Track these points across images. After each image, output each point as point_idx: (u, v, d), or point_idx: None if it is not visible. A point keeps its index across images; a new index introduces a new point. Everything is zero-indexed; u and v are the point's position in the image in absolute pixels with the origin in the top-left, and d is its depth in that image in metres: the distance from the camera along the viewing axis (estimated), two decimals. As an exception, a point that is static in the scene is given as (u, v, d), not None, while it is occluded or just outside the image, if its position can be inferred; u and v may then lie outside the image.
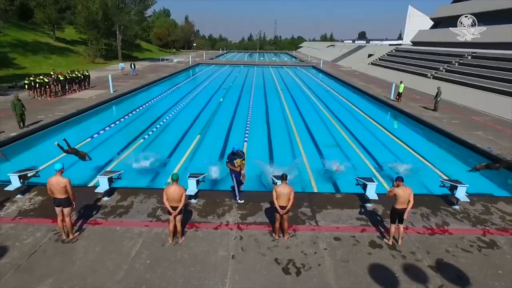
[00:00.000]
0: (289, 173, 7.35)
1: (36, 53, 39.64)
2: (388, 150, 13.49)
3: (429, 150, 13.50)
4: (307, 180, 10.29)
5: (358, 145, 13.82)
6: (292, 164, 11.21)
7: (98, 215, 7.31)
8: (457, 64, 29.34)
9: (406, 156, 12.73)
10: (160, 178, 10.05)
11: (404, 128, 17.33)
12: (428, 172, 10.98)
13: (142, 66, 45.82)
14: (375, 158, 12.31)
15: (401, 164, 11.45)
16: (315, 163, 11.71)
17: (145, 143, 13.33)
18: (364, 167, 11.36)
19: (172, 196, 6.04)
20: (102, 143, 13.30)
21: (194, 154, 12.12)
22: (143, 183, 9.72)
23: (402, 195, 6.11)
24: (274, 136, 15.10)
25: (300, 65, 53.89)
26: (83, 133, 14.23)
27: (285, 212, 6.33)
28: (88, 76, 24.78)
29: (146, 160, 11.08)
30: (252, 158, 11.01)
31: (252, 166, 10.84)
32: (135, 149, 12.51)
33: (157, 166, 10.79)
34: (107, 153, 11.94)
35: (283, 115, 19.39)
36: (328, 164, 11.28)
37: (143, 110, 19.61)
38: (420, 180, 10.35)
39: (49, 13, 44.39)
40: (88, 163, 10.17)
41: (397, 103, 21.45)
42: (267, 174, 9.43)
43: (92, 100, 20.25)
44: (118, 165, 10.81)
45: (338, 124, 17.36)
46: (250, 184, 9.52)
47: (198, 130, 15.48)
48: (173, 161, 11.42)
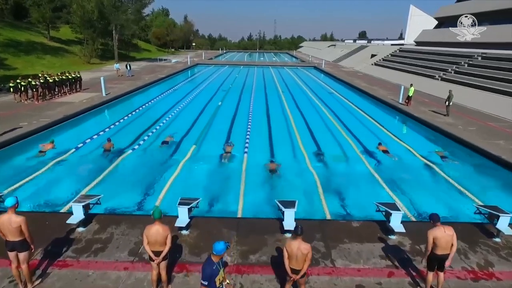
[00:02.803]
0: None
1: (29, 53, 38.30)
2: (402, 162, 12.22)
3: (448, 163, 12.20)
4: (316, 198, 9.07)
5: (366, 155, 12.59)
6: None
7: (69, 253, 6.05)
8: (467, 65, 28.09)
9: (422, 169, 11.52)
10: (148, 200, 8.77)
11: (417, 136, 15.99)
12: (452, 192, 9.73)
13: (139, 66, 44.52)
14: (388, 172, 11.07)
15: (417, 180, 10.28)
16: (323, 178, 10.51)
17: (134, 155, 12.05)
18: (374, 183, 10.12)
19: (154, 238, 4.79)
20: (88, 154, 12.00)
21: (188, 171, 10.84)
22: (129, 204, 8.47)
23: (442, 238, 4.87)
24: (276, 144, 13.86)
25: (301, 66, 52.62)
26: (68, 142, 12.90)
27: (299, 277, 4.74)
28: (80, 78, 23.48)
29: (132, 176, 9.89)
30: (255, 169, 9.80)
31: (254, 182, 9.68)
32: (122, 162, 11.25)
33: (146, 185, 9.53)
34: (91, 167, 10.69)
35: (285, 120, 18.14)
36: (337, 178, 10.14)
37: (136, 115, 18.31)
38: (444, 200, 9.12)
39: (43, 12, 43.03)
40: (63, 181, 8.93)
41: (406, 107, 20.20)
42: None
43: (82, 104, 18.98)
44: (101, 183, 9.56)
45: (345, 130, 16.10)
46: (251, 209, 8.29)
47: (194, 139, 14.17)
48: (164, 178, 10.15)
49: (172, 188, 9.34)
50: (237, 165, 11.25)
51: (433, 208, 8.59)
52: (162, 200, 8.60)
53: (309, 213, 8.23)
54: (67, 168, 10.58)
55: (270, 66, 50.66)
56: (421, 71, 31.66)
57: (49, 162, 10.81)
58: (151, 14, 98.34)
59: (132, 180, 9.81)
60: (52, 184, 9.34)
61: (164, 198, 8.73)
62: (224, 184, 9.81)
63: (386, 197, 9.21)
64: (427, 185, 10.17)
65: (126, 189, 9.22)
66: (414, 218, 8.08)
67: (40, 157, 11.33)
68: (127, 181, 9.68)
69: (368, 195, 9.34)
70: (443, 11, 45.58)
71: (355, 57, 55.39)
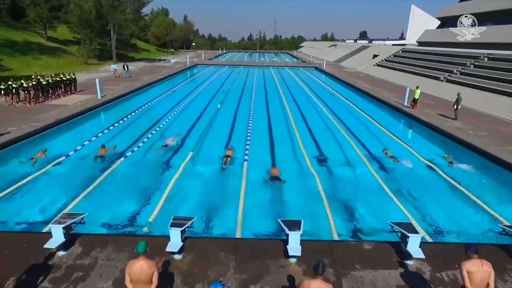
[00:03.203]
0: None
1: (25, 54, 37.59)
2: (410, 170, 11.51)
3: (461, 171, 11.49)
4: (320, 210, 8.39)
5: (373, 162, 11.88)
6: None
7: (45, 284, 5.34)
8: (473, 67, 27.36)
9: (433, 177, 10.84)
10: (140, 215, 8.05)
11: (425, 142, 15.21)
12: (468, 205, 9.02)
13: (138, 67, 43.81)
14: (396, 181, 10.37)
15: (428, 190, 9.60)
16: (327, 187, 9.84)
17: (126, 164, 11.32)
18: (383, 194, 9.42)
19: (137, 276, 4.09)
20: (78, 163, 11.28)
21: (185, 180, 10.14)
22: (117, 221, 7.75)
23: (478, 274, 4.17)
24: (278, 150, 13.16)
25: (302, 66, 51.90)
26: (58, 149, 12.18)
27: None
28: (74, 79, 22.77)
29: (123, 188, 9.20)
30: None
31: (255, 193, 8.98)
32: (113, 172, 10.53)
33: (138, 199, 8.82)
34: (81, 177, 9.98)
35: (286, 124, 17.44)
36: (343, 188, 9.47)
37: (131, 118, 17.58)
38: (460, 216, 8.42)
39: (40, 12, 42.29)
40: (48, 193, 8.22)
41: (412, 110, 19.49)
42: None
43: (76, 107, 18.27)
44: (89, 195, 8.85)
45: (349, 135, 15.39)
46: (252, 224, 7.60)
47: (191, 145, 13.45)
48: (158, 189, 9.45)
49: (167, 200, 8.64)
50: (237, 174, 10.55)
51: (449, 225, 7.93)
52: (157, 216, 7.90)
53: (314, 227, 7.57)
54: (54, 179, 9.88)
55: (271, 67, 49.96)
56: (425, 72, 30.95)
57: (35, 172, 10.09)
58: (151, 13, 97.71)
59: (123, 192, 9.11)
60: (35, 198, 8.63)
61: (158, 213, 8.02)
62: (222, 195, 9.11)
63: (395, 210, 8.55)
64: (440, 196, 9.46)
65: (116, 202, 8.51)
66: (429, 237, 7.37)
67: (26, 165, 10.63)
68: (117, 194, 8.98)
69: (376, 207, 8.70)
70: (446, 11, 44.94)
71: (356, 57, 54.67)
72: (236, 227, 7.47)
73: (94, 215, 7.55)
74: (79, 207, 8.14)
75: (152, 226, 7.55)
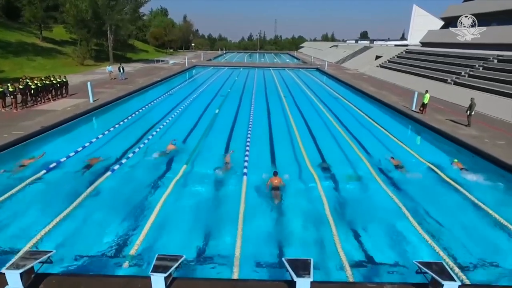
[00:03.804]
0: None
1: (19, 55, 36.58)
2: (424, 184, 10.49)
3: (479, 185, 10.46)
4: (327, 234, 7.37)
5: (383, 175, 10.85)
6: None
7: None
8: (482, 69, 26.31)
9: (450, 191, 9.83)
10: (122, 246, 6.99)
11: (439, 152, 14.08)
12: (498, 228, 7.97)
13: (135, 68, 42.82)
14: (411, 197, 9.34)
15: (453, 210, 8.57)
16: (334, 204, 8.84)
17: (114, 178, 10.24)
18: (397, 213, 8.38)
19: None
20: (59, 178, 10.22)
21: (174, 201, 9.05)
22: (95, 252, 6.70)
23: None
24: (279, 160, 12.11)
25: (303, 67, 50.84)
26: (39, 161, 11.15)
27: None
28: (66, 82, 21.72)
29: (106, 210, 8.15)
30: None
31: (255, 214, 7.92)
32: (97, 189, 9.46)
33: (118, 225, 7.74)
34: (60, 195, 8.92)
35: (289, 131, 16.39)
36: (352, 206, 8.48)
37: (123, 125, 16.43)
38: (487, 242, 7.37)
39: (35, 11, 41.24)
40: (17, 218, 7.14)
41: (421, 115, 18.44)
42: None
43: (66, 113, 17.22)
44: (65, 220, 7.79)
45: (354, 142, 14.35)
46: (251, 263, 6.53)
47: (186, 155, 12.37)
48: (145, 210, 8.39)
49: (154, 227, 7.57)
50: (235, 192, 9.48)
51: (478, 257, 6.88)
52: (140, 247, 6.84)
53: (321, 260, 6.54)
54: (28, 199, 8.78)
55: (271, 68, 48.93)
56: (431, 74, 29.91)
57: (7, 191, 8.96)
58: (150, 14, 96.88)
59: (102, 215, 8.03)
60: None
61: (143, 242, 6.97)
62: (218, 220, 8.04)
63: (415, 235, 7.55)
64: (465, 218, 8.43)
65: (94, 229, 7.45)
66: (454, 266, 6.35)
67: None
68: (96, 218, 7.91)
69: (393, 233, 7.71)
70: (451, 10, 43.86)
71: (359, 58, 53.68)
72: (234, 263, 6.40)
73: (67, 247, 6.51)
74: (52, 235, 7.10)
75: (135, 259, 6.50)
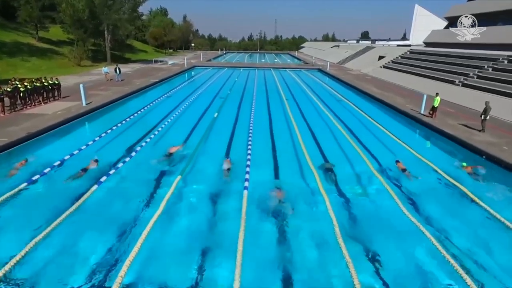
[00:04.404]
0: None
1: (13, 55, 35.66)
2: (442, 197, 9.54)
3: (499, 196, 9.53)
4: (338, 259, 6.42)
5: (397, 189, 9.90)
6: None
7: None
8: (491, 70, 25.34)
9: (470, 205, 8.87)
10: (102, 278, 6.04)
11: (452, 160, 13.10)
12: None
13: (133, 69, 41.88)
14: (432, 219, 8.37)
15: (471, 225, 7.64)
16: (343, 224, 7.91)
17: (101, 192, 9.27)
18: (416, 234, 7.41)
19: None
20: (41, 192, 9.29)
21: (165, 224, 8.08)
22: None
23: None
24: (282, 171, 11.16)
25: (305, 68, 49.85)
26: (23, 172, 10.18)
27: None
28: (58, 84, 20.79)
29: (89, 233, 7.21)
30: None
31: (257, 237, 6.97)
32: (81, 207, 8.51)
33: (102, 250, 6.81)
34: (41, 212, 7.97)
35: (292, 139, 15.43)
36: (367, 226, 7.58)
37: (116, 131, 15.42)
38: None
39: (31, 11, 40.27)
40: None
41: (431, 119, 17.48)
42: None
43: (56, 117, 16.29)
44: (37, 247, 6.85)
45: (362, 150, 13.37)
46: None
47: (180, 168, 11.32)
48: (134, 229, 7.45)
49: (140, 255, 6.62)
50: (235, 213, 8.49)
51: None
52: (125, 279, 5.90)
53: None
54: (5, 216, 7.87)
55: (272, 68, 47.97)
56: (437, 75, 28.96)
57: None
58: (149, 13, 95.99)
59: (86, 237, 7.10)
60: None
61: (130, 267, 6.05)
62: (214, 249, 7.07)
63: (434, 254, 6.66)
64: (485, 235, 7.52)
65: (70, 256, 6.52)
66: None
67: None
68: (74, 241, 6.98)
69: (414, 258, 6.73)
70: (454, 10, 42.91)
71: (361, 58, 52.73)
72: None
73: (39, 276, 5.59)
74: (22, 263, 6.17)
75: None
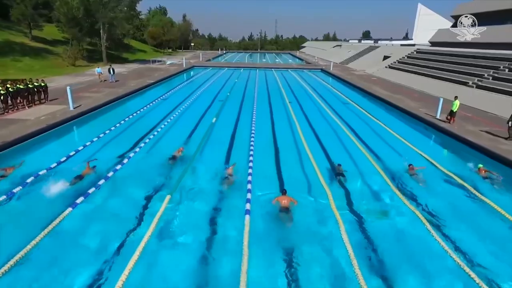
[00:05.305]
0: None
1: (4, 55, 34.23)
2: (468, 214, 8.11)
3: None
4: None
5: (414, 204, 8.46)
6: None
7: None
8: (507, 70, 23.86)
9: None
10: None
11: (471, 171, 11.61)
12: None
13: (129, 69, 40.41)
14: (461, 240, 6.94)
15: None
16: (356, 247, 6.47)
17: (85, 208, 7.84)
18: (442, 258, 5.98)
19: None
20: (15, 211, 7.85)
21: (158, 246, 6.65)
22: None
23: None
24: (287, 182, 9.70)
25: (307, 68, 48.35)
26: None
27: None
28: (45, 86, 19.34)
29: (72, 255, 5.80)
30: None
31: None
32: (60, 225, 7.07)
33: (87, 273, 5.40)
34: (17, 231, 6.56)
35: (296, 146, 13.98)
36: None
37: (104, 138, 13.98)
38: None
39: (23, 9, 38.79)
40: None
41: (449, 125, 16.01)
42: None
43: (38, 123, 14.85)
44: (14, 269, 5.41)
45: (374, 159, 11.91)
46: None
47: (171, 185, 9.89)
48: (123, 251, 6.02)
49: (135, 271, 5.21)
50: (236, 230, 7.09)
51: None
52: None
53: None
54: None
55: (273, 69, 46.49)
56: (448, 76, 27.47)
57: None
58: (148, 13, 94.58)
59: (66, 261, 5.69)
60: None
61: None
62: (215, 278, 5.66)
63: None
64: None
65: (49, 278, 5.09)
66: None
67: None
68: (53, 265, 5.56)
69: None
70: (461, 9, 41.48)
71: (365, 58, 51.25)
72: None
73: None
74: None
75: None
